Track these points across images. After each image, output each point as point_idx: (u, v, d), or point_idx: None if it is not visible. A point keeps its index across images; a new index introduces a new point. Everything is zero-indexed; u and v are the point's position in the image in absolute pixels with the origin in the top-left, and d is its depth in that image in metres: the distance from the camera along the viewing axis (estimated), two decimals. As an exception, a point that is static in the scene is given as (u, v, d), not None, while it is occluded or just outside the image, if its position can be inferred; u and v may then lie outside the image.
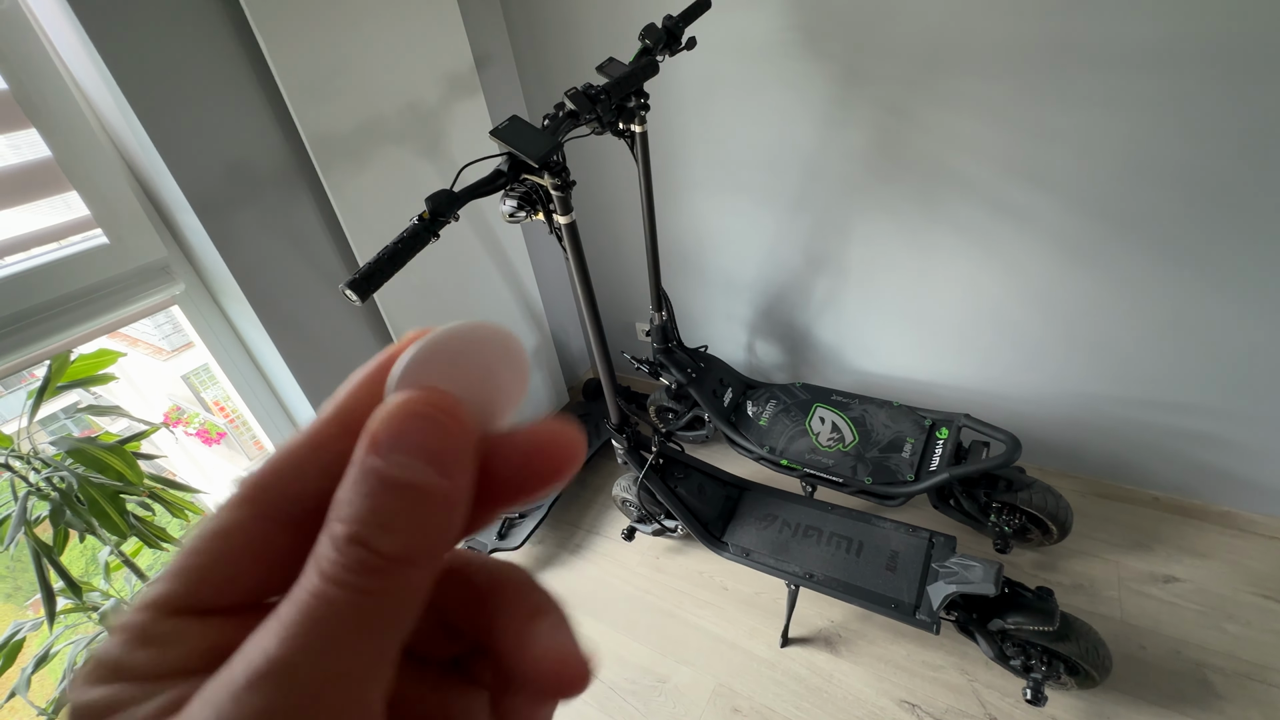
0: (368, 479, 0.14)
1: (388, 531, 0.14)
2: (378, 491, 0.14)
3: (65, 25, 0.95)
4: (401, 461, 0.14)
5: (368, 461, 0.14)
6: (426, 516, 0.14)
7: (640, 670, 1.43)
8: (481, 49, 1.63)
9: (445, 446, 0.14)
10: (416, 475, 0.14)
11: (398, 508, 0.14)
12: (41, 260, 1.04)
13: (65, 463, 1.03)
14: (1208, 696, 1.19)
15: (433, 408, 0.15)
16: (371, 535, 0.13)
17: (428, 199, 0.84)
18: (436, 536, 0.14)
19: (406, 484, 0.14)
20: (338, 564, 0.13)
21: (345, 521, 0.14)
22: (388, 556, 0.13)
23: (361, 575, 0.13)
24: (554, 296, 2.12)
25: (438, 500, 0.14)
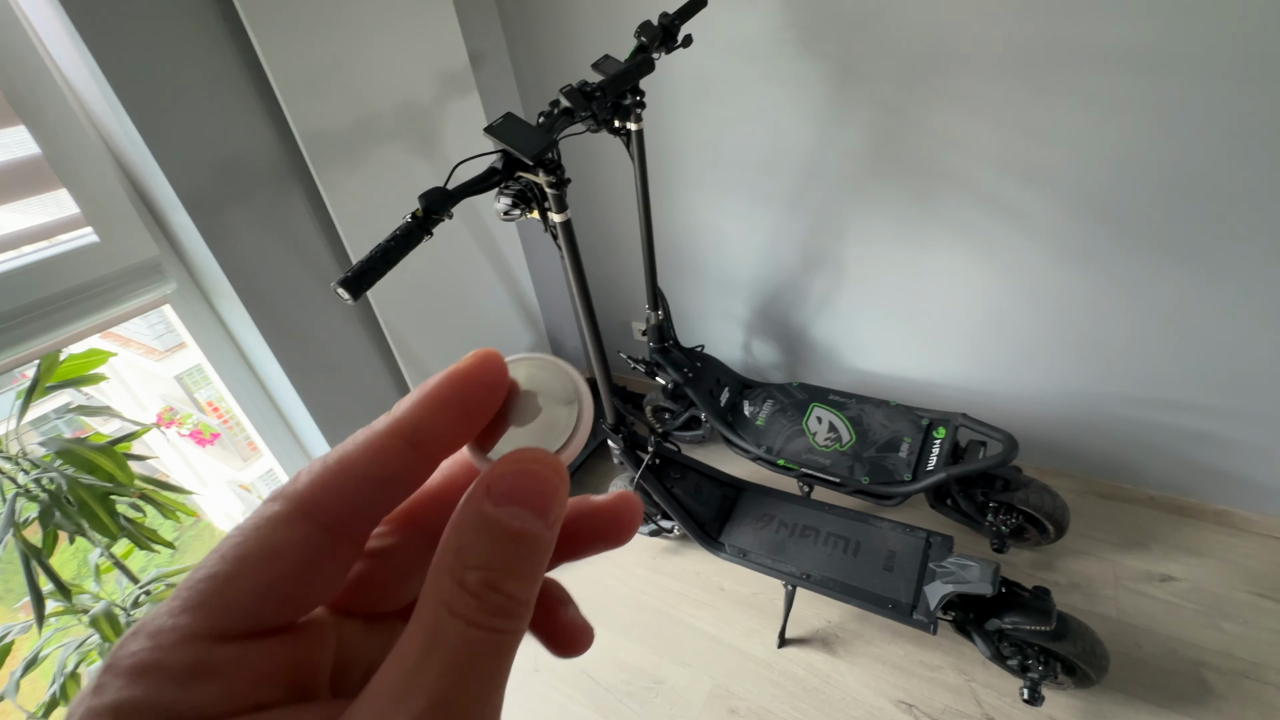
0: (493, 528, 0.15)
1: (515, 578, 0.15)
2: (502, 540, 0.15)
3: (54, 21, 0.94)
4: (519, 514, 0.16)
5: (492, 512, 0.16)
6: (539, 563, 0.16)
7: (636, 671, 1.43)
8: (476, 46, 1.62)
9: (553, 502, 0.16)
10: (532, 527, 0.16)
11: (519, 556, 0.16)
12: (30, 259, 1.03)
13: (54, 464, 1.02)
14: (1204, 695, 1.19)
15: (543, 465, 0.16)
16: (502, 581, 0.15)
17: (421, 196, 0.83)
18: (540, 580, 0.16)
19: (525, 534, 0.16)
20: (478, 608, 0.15)
21: (478, 568, 0.15)
22: (518, 600, 0.15)
23: (500, 617, 0.15)
24: (550, 295, 2.11)
25: (545, 549, 0.16)
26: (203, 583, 0.15)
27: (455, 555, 0.15)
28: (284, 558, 0.16)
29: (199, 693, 0.14)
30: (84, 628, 1.10)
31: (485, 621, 0.15)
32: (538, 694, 1.42)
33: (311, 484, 0.16)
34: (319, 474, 0.16)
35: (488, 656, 0.15)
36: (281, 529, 0.16)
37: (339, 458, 0.16)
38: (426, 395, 0.17)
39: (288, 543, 0.16)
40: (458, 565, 0.15)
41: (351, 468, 0.16)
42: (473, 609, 0.15)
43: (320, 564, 0.16)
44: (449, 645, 0.14)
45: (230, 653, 0.15)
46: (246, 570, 0.15)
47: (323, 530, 0.16)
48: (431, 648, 0.14)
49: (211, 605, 0.15)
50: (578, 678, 1.43)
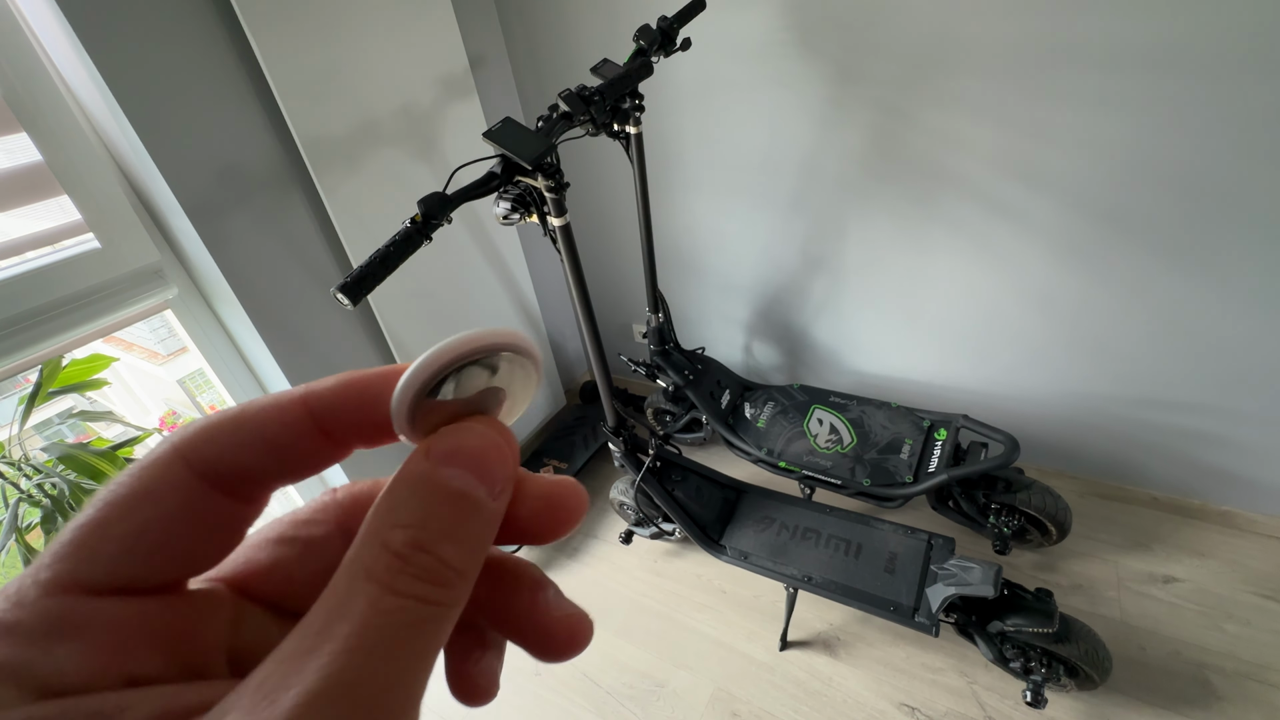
0: (427, 485, 0.14)
1: (452, 541, 0.13)
2: (439, 499, 0.14)
3: (56, 28, 0.95)
4: (459, 474, 0.14)
5: (427, 468, 0.14)
6: (480, 532, 0.14)
7: (638, 675, 1.42)
8: (476, 50, 1.63)
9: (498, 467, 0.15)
10: (473, 489, 0.14)
11: (458, 518, 0.14)
12: (33, 265, 1.03)
13: (57, 469, 1.03)
14: (1208, 697, 1.19)
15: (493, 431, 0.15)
16: (435, 543, 0.13)
17: (420, 201, 0.83)
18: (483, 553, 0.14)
19: (464, 496, 0.14)
20: (401, 571, 0.13)
21: (407, 526, 0.13)
22: (452, 566, 0.13)
23: (427, 585, 0.13)
24: (550, 299, 2.11)
25: (489, 519, 0.14)
26: (71, 532, 0.13)
27: (383, 515, 0.13)
28: (155, 502, 0.14)
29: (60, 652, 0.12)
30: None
31: (408, 588, 0.12)
32: (538, 698, 1.42)
33: (197, 430, 0.15)
34: (209, 421, 0.15)
35: (407, 631, 0.12)
36: (155, 472, 0.14)
37: (237, 411, 0.15)
38: (349, 378, 0.16)
39: (160, 486, 0.14)
40: (384, 525, 0.13)
41: (246, 423, 0.15)
42: (393, 572, 0.12)
43: (199, 516, 0.14)
44: (359, 614, 0.12)
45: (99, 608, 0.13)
46: (116, 515, 0.14)
47: (200, 477, 0.14)
48: (338, 616, 0.12)
49: (78, 555, 0.13)
50: (579, 681, 1.43)
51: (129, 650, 0.13)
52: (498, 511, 0.15)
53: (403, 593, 0.12)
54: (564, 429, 2.04)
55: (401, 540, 0.13)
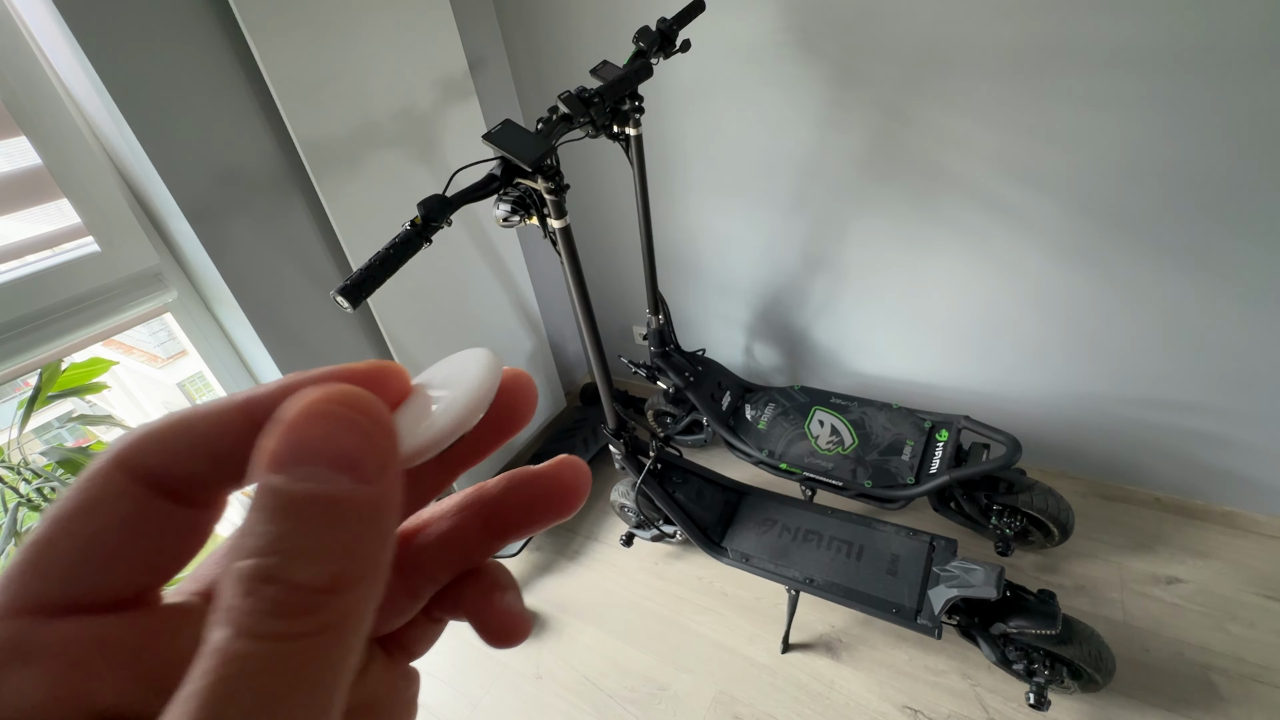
0: (269, 499, 0.12)
1: (306, 559, 0.11)
2: (285, 513, 0.11)
3: (56, 32, 0.95)
4: (309, 473, 0.12)
5: (268, 480, 0.12)
6: (352, 533, 0.12)
7: (640, 678, 1.42)
8: (475, 53, 1.63)
9: (361, 448, 0.12)
10: (330, 486, 0.12)
11: (315, 528, 0.11)
12: (32, 268, 1.03)
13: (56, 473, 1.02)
14: (1212, 699, 1.18)
15: (339, 404, 0.12)
16: (286, 567, 0.11)
17: (420, 204, 0.83)
18: (369, 551, 0.12)
19: (319, 498, 0.12)
20: (250, 611, 0.11)
21: (252, 554, 0.11)
22: (311, 589, 0.11)
23: (280, 619, 0.11)
24: (550, 301, 2.11)
25: (362, 510, 0.12)
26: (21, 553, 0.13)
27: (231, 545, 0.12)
28: (99, 513, 0.13)
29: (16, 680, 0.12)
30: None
31: (262, 627, 0.11)
32: (540, 702, 1.42)
33: (138, 438, 0.14)
34: (149, 429, 0.14)
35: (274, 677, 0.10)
36: (99, 482, 0.13)
37: (181, 417, 0.14)
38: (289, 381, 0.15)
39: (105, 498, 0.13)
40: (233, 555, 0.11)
41: (190, 430, 0.14)
42: (240, 612, 0.11)
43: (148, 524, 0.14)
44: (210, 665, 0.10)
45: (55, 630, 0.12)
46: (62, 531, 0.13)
47: (146, 488, 0.13)
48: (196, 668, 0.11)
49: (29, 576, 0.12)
50: (581, 685, 1.43)
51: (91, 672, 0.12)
52: (374, 495, 0.12)
53: (253, 633, 0.11)
54: (564, 431, 2.04)
55: (246, 574, 0.11)
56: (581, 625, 1.56)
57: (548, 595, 1.66)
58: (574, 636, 1.54)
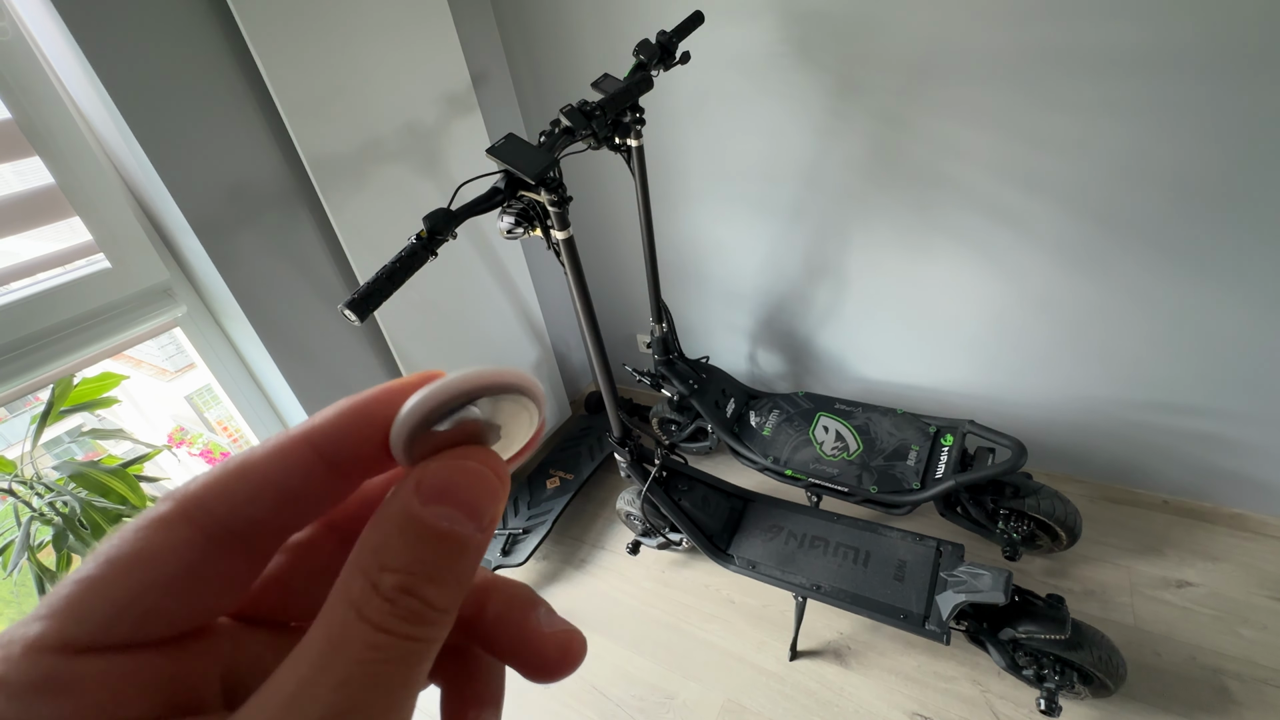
0: (417, 527, 0.14)
1: (436, 584, 0.14)
2: (426, 542, 0.14)
3: (67, 53, 0.97)
4: (448, 514, 0.14)
5: (418, 510, 0.14)
6: (466, 569, 0.15)
7: (648, 687, 1.42)
8: (478, 67, 1.65)
9: (488, 503, 0.15)
10: (461, 528, 0.14)
11: (444, 560, 0.14)
12: (45, 285, 1.05)
13: (68, 487, 1.03)
14: (1225, 703, 1.17)
15: (481, 463, 0.15)
16: (420, 586, 0.14)
17: (425, 218, 0.84)
18: (468, 587, 0.15)
19: (452, 536, 0.14)
20: (390, 613, 0.13)
21: (395, 571, 0.14)
22: (436, 607, 0.14)
23: (413, 624, 0.14)
24: (555, 310, 2.12)
25: (475, 553, 0.15)
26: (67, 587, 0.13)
27: (373, 554, 0.14)
28: (156, 564, 0.14)
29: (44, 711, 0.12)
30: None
31: (397, 628, 0.13)
32: (548, 711, 1.41)
33: (203, 486, 0.14)
34: (214, 476, 0.15)
35: (396, 666, 0.13)
36: (159, 532, 0.14)
37: (241, 461, 0.15)
38: (346, 406, 0.16)
39: (163, 548, 0.14)
40: (374, 565, 0.14)
41: (250, 473, 0.15)
42: (384, 613, 0.13)
43: (204, 574, 0.14)
44: (353, 651, 0.13)
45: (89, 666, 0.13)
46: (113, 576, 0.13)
47: (208, 537, 0.14)
48: (334, 652, 0.13)
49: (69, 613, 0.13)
50: (589, 694, 1.43)
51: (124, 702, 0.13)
52: (483, 544, 0.15)
53: (392, 632, 0.13)
54: (570, 440, 2.05)
55: (390, 584, 0.14)
56: (589, 634, 1.55)
57: (555, 604, 1.62)
58: (581, 646, 1.54)
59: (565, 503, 1.79)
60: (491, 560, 1.71)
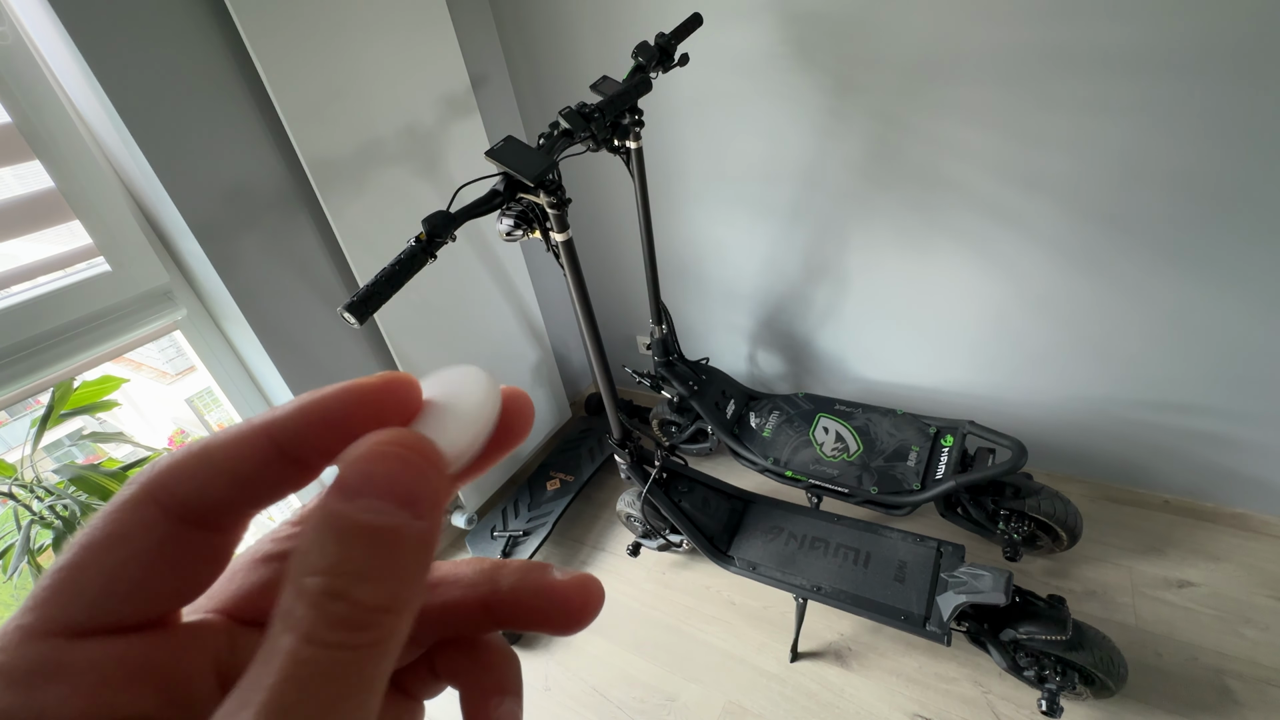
0: (337, 525, 0.13)
1: (367, 581, 0.13)
2: (351, 539, 0.13)
3: (67, 57, 0.97)
4: (374, 506, 0.13)
5: (338, 507, 0.13)
6: (405, 561, 0.13)
7: (648, 688, 1.41)
8: (477, 70, 1.65)
9: (418, 487, 0.14)
10: (391, 519, 0.13)
11: (374, 555, 0.13)
12: (45, 289, 1.05)
13: (68, 490, 1.03)
14: (1228, 704, 1.17)
15: (402, 447, 0.14)
16: (350, 586, 0.13)
17: (424, 220, 0.84)
18: (415, 580, 0.14)
19: (381, 529, 0.13)
20: (317, 621, 0.12)
21: (320, 573, 0.13)
22: (370, 608, 0.13)
23: (344, 631, 0.12)
24: (554, 312, 2.13)
25: (415, 543, 0.14)
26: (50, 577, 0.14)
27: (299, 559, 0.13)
28: (128, 543, 0.14)
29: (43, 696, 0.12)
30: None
31: (326, 637, 0.12)
32: (549, 713, 1.41)
33: (165, 468, 0.15)
34: (175, 458, 0.15)
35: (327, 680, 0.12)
36: (127, 513, 0.14)
37: (202, 445, 0.15)
38: (306, 401, 0.16)
39: (133, 527, 0.14)
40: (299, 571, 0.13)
41: (211, 456, 0.15)
42: (311, 622, 0.12)
43: (174, 551, 0.15)
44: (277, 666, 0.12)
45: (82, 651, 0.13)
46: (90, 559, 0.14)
47: (173, 518, 0.14)
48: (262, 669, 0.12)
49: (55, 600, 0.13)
50: (589, 696, 1.42)
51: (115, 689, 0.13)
52: (426, 530, 0.14)
53: (321, 641, 0.12)
54: (570, 441, 2.05)
55: (315, 589, 0.13)
56: (589, 636, 1.56)
57: (555, 606, 1.65)
58: (582, 647, 1.54)
59: (565, 505, 1.79)
60: (492, 562, 1.70)
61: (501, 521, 1.78)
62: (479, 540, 1.74)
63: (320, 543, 0.13)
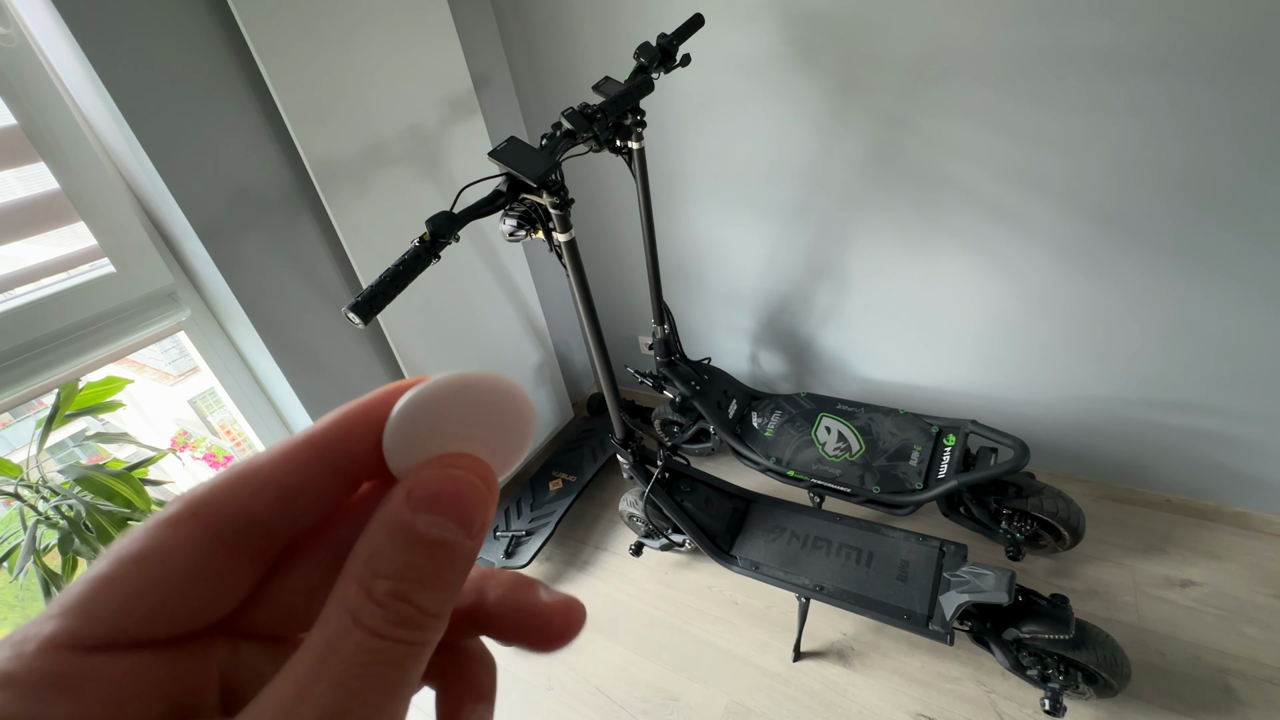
0: (407, 535, 0.15)
1: (427, 589, 0.15)
2: (417, 549, 0.15)
3: (72, 59, 0.97)
4: (438, 522, 0.15)
5: (407, 518, 0.15)
6: (457, 574, 0.15)
7: (651, 688, 1.42)
8: (480, 71, 1.66)
9: (477, 511, 0.15)
10: (450, 535, 0.15)
11: (435, 566, 0.15)
12: (50, 290, 1.05)
13: (73, 490, 1.04)
14: (1230, 703, 1.17)
15: (467, 470, 0.16)
16: (413, 591, 0.14)
17: (428, 221, 0.85)
18: (458, 591, 0.15)
19: (442, 543, 0.15)
20: (383, 619, 0.14)
21: (388, 577, 0.14)
22: (428, 612, 0.15)
23: (406, 629, 0.14)
24: (557, 313, 2.13)
25: (465, 559, 0.15)
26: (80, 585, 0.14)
27: (365, 562, 0.14)
28: (163, 561, 0.14)
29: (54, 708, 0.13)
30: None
31: (390, 632, 0.14)
32: (551, 713, 1.41)
33: (209, 488, 0.15)
34: (220, 478, 0.15)
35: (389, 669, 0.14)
36: (167, 530, 0.14)
37: (246, 462, 0.15)
38: (347, 410, 0.16)
39: (171, 546, 0.14)
40: (367, 573, 0.14)
41: (255, 474, 0.15)
42: (378, 619, 0.14)
43: (209, 570, 0.15)
44: (348, 655, 0.13)
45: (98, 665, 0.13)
46: (124, 572, 0.14)
47: (213, 537, 0.15)
48: (330, 656, 0.13)
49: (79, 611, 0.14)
50: (592, 695, 1.43)
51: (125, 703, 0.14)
52: (474, 549, 0.15)
53: (386, 636, 0.14)
54: (572, 442, 2.05)
55: (384, 590, 0.14)
56: (592, 636, 1.56)
57: (558, 606, 1.66)
58: (584, 647, 1.54)
59: (568, 504, 1.79)
60: (495, 562, 1.71)
61: (504, 521, 1.79)
62: (481, 540, 1.74)
63: (389, 547, 0.15)
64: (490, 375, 0.17)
